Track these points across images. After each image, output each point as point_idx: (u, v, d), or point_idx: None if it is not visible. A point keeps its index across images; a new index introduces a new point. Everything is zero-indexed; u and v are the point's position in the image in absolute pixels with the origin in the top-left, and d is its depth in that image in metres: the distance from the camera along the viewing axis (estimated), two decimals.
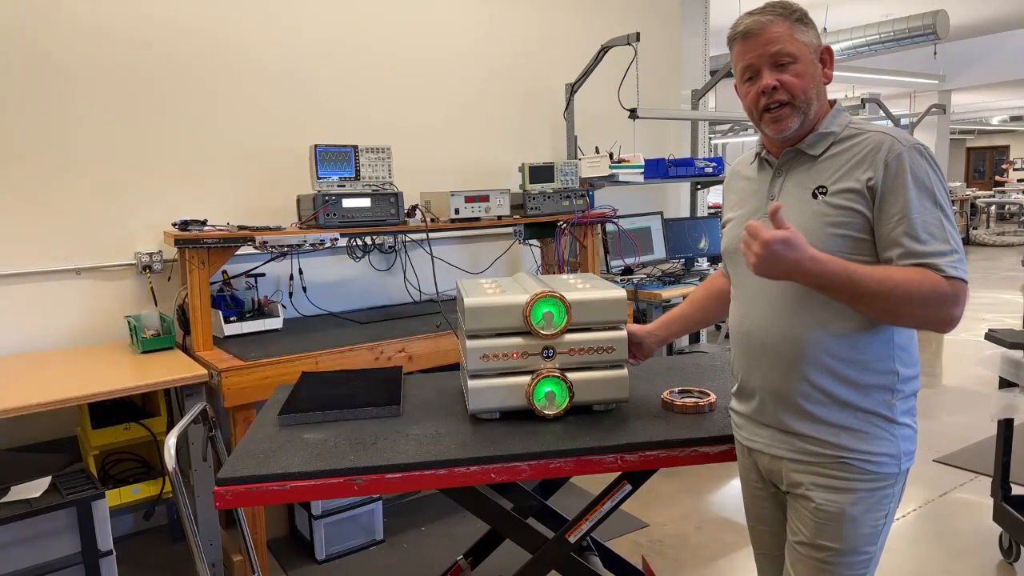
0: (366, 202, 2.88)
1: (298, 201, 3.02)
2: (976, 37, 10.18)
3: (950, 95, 11.79)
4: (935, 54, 9.66)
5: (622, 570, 2.32)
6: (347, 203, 2.84)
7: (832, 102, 1.44)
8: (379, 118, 3.57)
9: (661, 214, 4.22)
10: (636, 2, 4.52)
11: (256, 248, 2.71)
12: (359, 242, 3.46)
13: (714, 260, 4.48)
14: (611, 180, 3.76)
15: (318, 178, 2.85)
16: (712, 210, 5.98)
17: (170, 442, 1.72)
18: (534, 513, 2.24)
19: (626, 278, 3.90)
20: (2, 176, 2.69)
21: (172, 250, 2.92)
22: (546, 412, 1.74)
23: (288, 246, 2.76)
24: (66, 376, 2.37)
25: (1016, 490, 2.78)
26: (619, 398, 1.79)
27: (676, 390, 1.92)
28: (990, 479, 3.19)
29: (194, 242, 2.61)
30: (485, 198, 3.18)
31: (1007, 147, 20.64)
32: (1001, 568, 2.65)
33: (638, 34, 3.46)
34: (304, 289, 3.38)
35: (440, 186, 3.75)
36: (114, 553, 2.27)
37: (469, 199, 3.14)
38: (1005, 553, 2.71)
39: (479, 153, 3.93)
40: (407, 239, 3.61)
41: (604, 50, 3.67)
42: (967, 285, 1.28)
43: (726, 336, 3.67)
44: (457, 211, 3.12)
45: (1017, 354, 2.54)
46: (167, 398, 2.81)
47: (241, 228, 2.79)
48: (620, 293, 1.77)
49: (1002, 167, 19.56)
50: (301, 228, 2.85)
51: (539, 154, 4.15)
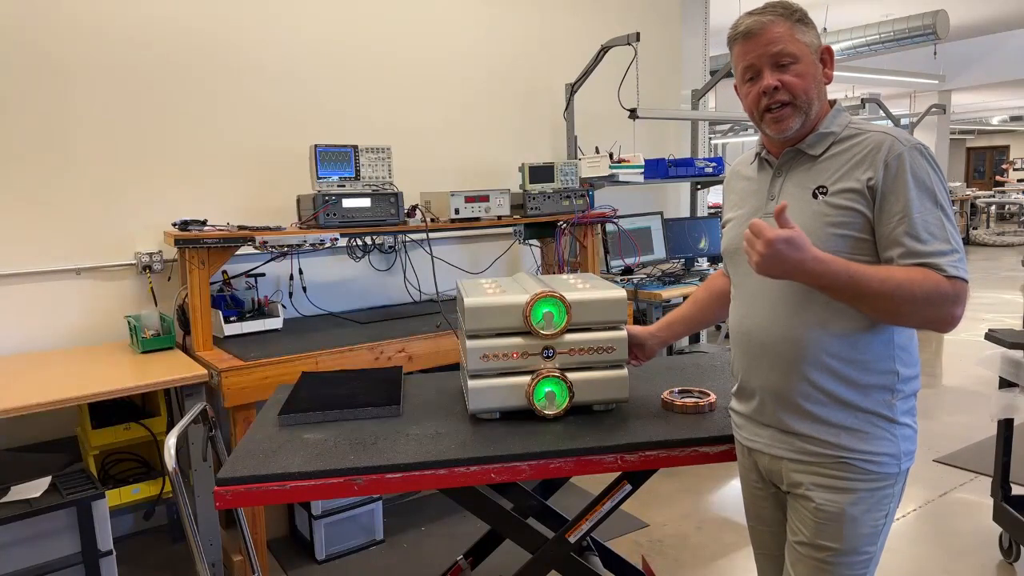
0: (366, 202, 2.88)
1: (298, 201, 3.03)
2: (976, 37, 10.18)
3: (950, 95, 11.80)
4: (935, 54, 9.67)
5: (622, 570, 2.32)
6: (347, 203, 2.84)
7: (832, 102, 1.44)
8: (379, 118, 3.57)
9: (661, 214, 4.22)
10: (636, 2, 4.52)
11: (256, 248, 2.71)
12: (359, 242, 3.46)
13: (714, 260, 4.48)
14: (611, 180, 3.76)
15: (318, 178, 2.85)
16: (712, 210, 5.98)
17: (170, 442, 1.72)
18: (534, 513, 2.24)
19: (626, 278, 3.89)
20: (2, 176, 2.70)
21: (172, 250, 2.92)
22: (546, 412, 1.74)
23: (288, 246, 2.76)
24: (66, 376, 2.37)
25: (1016, 490, 2.78)
26: (619, 398, 1.79)
27: (676, 390, 1.92)
28: (990, 479, 3.19)
29: (194, 242, 2.61)
30: (485, 198, 3.18)
31: (1007, 147, 20.64)
32: (1001, 568, 2.65)
33: (638, 34, 3.46)
34: (304, 289, 3.38)
35: (440, 186, 3.75)
36: (114, 553, 2.27)
37: (469, 199, 3.14)
38: (1005, 553, 2.71)
39: (479, 153, 3.93)
40: (407, 239, 3.61)
41: (604, 50, 3.67)
42: (968, 285, 1.28)
43: (726, 336, 3.67)
44: (457, 211, 3.12)
45: (1017, 354, 2.54)
46: (167, 398, 2.81)
47: (241, 228, 2.79)
48: (620, 293, 1.77)
49: (1002, 167, 19.55)
50: (301, 228, 2.85)
51: (539, 154, 4.15)
